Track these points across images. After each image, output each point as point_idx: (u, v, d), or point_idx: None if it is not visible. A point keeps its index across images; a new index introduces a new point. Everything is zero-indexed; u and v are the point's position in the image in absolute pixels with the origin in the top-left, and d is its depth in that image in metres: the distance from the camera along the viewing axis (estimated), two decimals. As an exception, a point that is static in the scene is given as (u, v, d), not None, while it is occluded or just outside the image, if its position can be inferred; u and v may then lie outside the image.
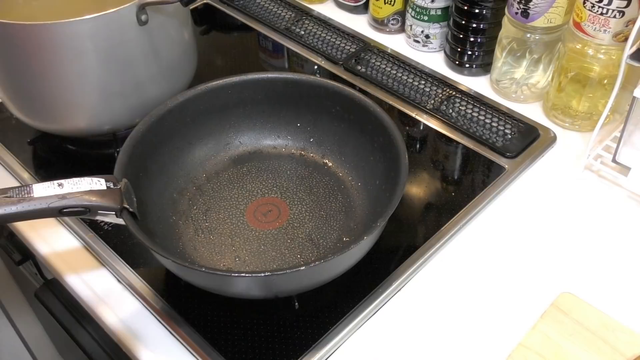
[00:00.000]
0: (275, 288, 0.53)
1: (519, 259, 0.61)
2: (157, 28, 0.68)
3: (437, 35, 0.86)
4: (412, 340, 0.55)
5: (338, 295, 0.57)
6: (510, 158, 0.70)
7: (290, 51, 0.89)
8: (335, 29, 0.90)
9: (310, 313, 0.56)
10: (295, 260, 0.60)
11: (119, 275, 0.60)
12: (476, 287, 0.59)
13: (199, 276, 0.53)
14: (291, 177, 0.68)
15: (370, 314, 0.57)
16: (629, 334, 0.54)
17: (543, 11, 0.70)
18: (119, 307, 0.58)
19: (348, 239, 0.61)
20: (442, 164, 0.72)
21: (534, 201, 0.67)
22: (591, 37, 0.67)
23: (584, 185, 0.69)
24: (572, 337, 0.54)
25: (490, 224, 0.65)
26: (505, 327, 0.56)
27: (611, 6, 0.64)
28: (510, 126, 0.74)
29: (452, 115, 0.75)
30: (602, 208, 0.66)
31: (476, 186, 0.68)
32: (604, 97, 0.71)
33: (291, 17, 0.94)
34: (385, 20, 0.90)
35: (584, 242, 0.63)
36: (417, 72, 0.82)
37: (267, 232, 0.62)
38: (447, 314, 0.57)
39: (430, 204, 0.67)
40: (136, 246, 0.62)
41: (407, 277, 0.59)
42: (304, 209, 0.64)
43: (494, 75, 0.80)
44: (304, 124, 0.69)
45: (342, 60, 0.85)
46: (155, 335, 0.56)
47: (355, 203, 0.64)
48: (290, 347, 0.54)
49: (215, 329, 0.55)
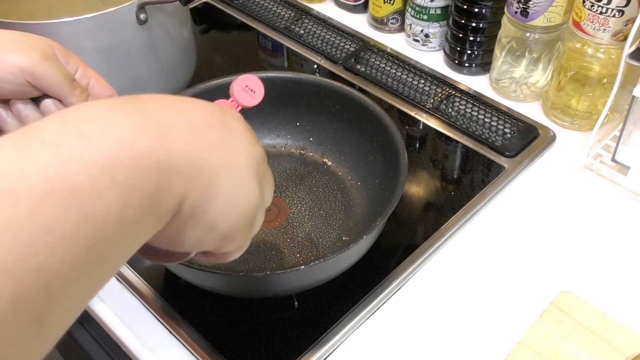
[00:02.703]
0: (274, 287, 0.53)
1: (519, 258, 0.61)
2: (157, 27, 0.68)
3: (437, 34, 0.86)
4: (411, 339, 0.55)
5: (337, 294, 0.57)
6: (509, 157, 0.70)
7: (290, 50, 0.89)
8: (335, 28, 0.90)
9: (309, 312, 0.56)
10: (294, 260, 0.60)
11: (118, 274, 0.60)
12: (476, 286, 0.59)
13: (199, 275, 0.53)
14: (290, 176, 0.68)
15: (370, 313, 0.57)
16: (628, 333, 0.54)
17: (542, 10, 0.70)
18: (119, 306, 0.58)
19: (347, 238, 0.61)
20: (442, 163, 0.72)
21: (534, 200, 0.67)
22: (590, 36, 0.67)
23: (583, 184, 0.69)
24: (571, 336, 0.54)
25: (490, 223, 0.65)
26: (505, 326, 0.56)
27: (610, 5, 0.64)
28: (510, 125, 0.74)
29: (451, 115, 0.75)
30: (601, 207, 0.66)
31: (475, 185, 0.68)
32: (604, 96, 0.71)
33: (291, 16, 0.94)
34: (384, 19, 0.90)
35: (583, 242, 0.63)
36: (416, 71, 0.82)
37: (266, 231, 0.62)
38: (446, 312, 0.57)
39: (430, 203, 0.67)
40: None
41: (407, 276, 0.59)
42: (303, 208, 0.64)
43: (494, 74, 0.80)
44: (303, 123, 0.69)
45: (341, 60, 0.85)
46: (154, 334, 0.56)
47: (355, 202, 0.64)
48: (290, 346, 0.54)
49: (215, 327, 0.55)
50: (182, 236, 0.29)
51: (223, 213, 0.29)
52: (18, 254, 0.19)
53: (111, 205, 0.22)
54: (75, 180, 0.21)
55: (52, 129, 0.23)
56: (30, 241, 0.19)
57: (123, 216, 0.23)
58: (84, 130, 0.23)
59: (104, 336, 0.59)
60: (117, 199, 0.22)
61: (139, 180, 0.23)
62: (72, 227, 0.21)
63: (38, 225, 0.20)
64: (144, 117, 0.25)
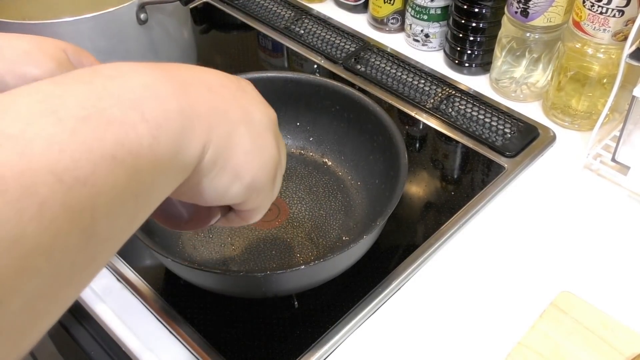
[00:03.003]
0: (274, 287, 0.53)
1: (519, 258, 0.61)
2: (157, 27, 0.68)
3: (437, 34, 0.86)
4: (411, 339, 0.55)
5: (337, 295, 0.57)
6: (509, 157, 0.70)
7: (290, 50, 0.89)
8: (335, 28, 0.90)
9: (309, 312, 0.56)
10: (294, 260, 0.60)
11: (118, 274, 0.60)
12: (476, 286, 0.59)
13: (199, 275, 0.53)
14: (290, 176, 0.68)
15: (370, 313, 0.57)
16: (628, 332, 0.54)
17: (542, 10, 0.70)
18: (119, 306, 0.58)
19: (347, 238, 0.61)
20: (442, 163, 0.72)
21: (534, 200, 0.67)
22: (591, 36, 0.67)
23: (583, 184, 0.69)
24: (571, 336, 0.54)
25: (490, 223, 0.65)
26: (505, 326, 0.56)
27: (611, 5, 0.64)
28: (510, 125, 0.74)
29: (451, 115, 0.75)
30: (601, 207, 0.66)
31: (476, 185, 0.68)
32: (604, 96, 0.71)
33: (291, 16, 0.94)
34: (384, 19, 0.90)
35: (583, 241, 0.63)
36: (416, 71, 0.82)
37: (266, 231, 0.62)
38: (446, 312, 0.57)
39: (430, 203, 0.67)
40: (136, 245, 0.62)
41: (407, 276, 0.59)
42: (303, 208, 0.64)
43: (494, 74, 0.80)
44: (303, 123, 0.69)
45: (341, 60, 0.85)
46: (154, 334, 0.56)
47: (355, 202, 0.64)
48: (290, 346, 0.54)
49: (215, 327, 0.55)
50: (209, 185, 0.30)
51: (247, 162, 0.31)
52: (66, 164, 0.21)
53: (143, 138, 0.24)
54: (109, 111, 0.23)
55: (84, 72, 0.25)
56: (75, 155, 0.21)
57: (154, 152, 0.25)
58: (112, 75, 0.25)
59: (104, 336, 0.59)
60: (147, 133, 0.24)
61: (165, 119, 0.25)
62: (110, 149, 0.23)
63: (80, 142, 0.22)
64: (164, 71, 0.28)
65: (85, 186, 0.21)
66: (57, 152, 0.21)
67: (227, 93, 0.31)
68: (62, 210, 0.21)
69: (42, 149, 0.21)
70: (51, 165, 0.20)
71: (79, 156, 0.21)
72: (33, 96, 0.22)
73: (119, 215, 0.24)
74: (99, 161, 0.22)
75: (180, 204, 0.36)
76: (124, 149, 0.23)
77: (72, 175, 0.21)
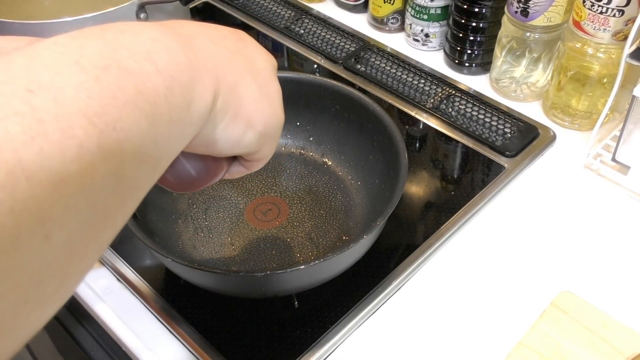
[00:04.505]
0: (274, 287, 0.53)
1: (519, 257, 0.61)
2: (157, 27, 0.67)
3: (437, 34, 0.86)
4: (411, 338, 0.55)
5: (338, 294, 0.57)
6: (509, 157, 0.70)
7: (290, 50, 0.89)
8: (335, 28, 0.90)
9: (309, 312, 0.56)
10: (294, 259, 0.60)
11: (118, 274, 0.60)
12: (476, 285, 0.59)
13: (199, 275, 0.53)
14: (290, 176, 0.68)
15: (370, 313, 0.57)
16: (629, 332, 0.54)
17: (542, 10, 0.70)
18: (119, 306, 0.58)
19: (347, 238, 0.61)
20: (442, 162, 0.72)
21: (534, 200, 0.67)
22: (591, 36, 0.67)
23: (583, 184, 0.69)
24: (571, 335, 0.54)
25: (490, 222, 0.65)
26: (505, 326, 0.56)
27: (611, 5, 0.64)
28: (510, 125, 0.74)
29: (451, 114, 0.75)
30: (601, 207, 0.66)
31: (476, 185, 0.68)
32: (604, 96, 0.71)
33: (291, 16, 0.94)
34: (384, 19, 0.90)
35: (583, 241, 0.63)
36: (416, 71, 0.82)
37: (266, 231, 0.62)
38: (446, 312, 0.57)
39: (430, 202, 0.67)
40: (136, 245, 0.62)
41: (407, 276, 0.59)
42: (303, 208, 0.64)
43: (494, 74, 0.80)
44: (303, 123, 0.69)
45: (341, 59, 0.85)
46: (154, 334, 0.56)
47: (355, 202, 0.64)
48: (290, 346, 0.54)
49: (215, 327, 0.55)
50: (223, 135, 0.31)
51: (257, 110, 0.33)
52: (95, 109, 0.22)
53: (158, 88, 0.25)
54: (126, 62, 0.24)
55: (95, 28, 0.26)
56: (102, 101, 0.22)
57: (169, 102, 0.26)
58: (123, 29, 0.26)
59: (104, 336, 0.59)
60: (162, 83, 0.25)
61: (176, 70, 0.26)
62: (132, 97, 0.24)
63: (104, 88, 0.23)
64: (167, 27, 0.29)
65: (115, 131, 0.23)
66: (86, 98, 0.22)
67: (229, 44, 0.32)
68: (98, 152, 0.22)
69: (73, 95, 0.22)
70: (83, 110, 0.22)
71: (106, 102, 0.22)
72: (54, 48, 0.23)
73: (142, 162, 0.25)
74: (123, 107, 0.23)
75: (189, 163, 0.36)
76: (143, 97, 0.24)
77: (102, 120, 0.22)
